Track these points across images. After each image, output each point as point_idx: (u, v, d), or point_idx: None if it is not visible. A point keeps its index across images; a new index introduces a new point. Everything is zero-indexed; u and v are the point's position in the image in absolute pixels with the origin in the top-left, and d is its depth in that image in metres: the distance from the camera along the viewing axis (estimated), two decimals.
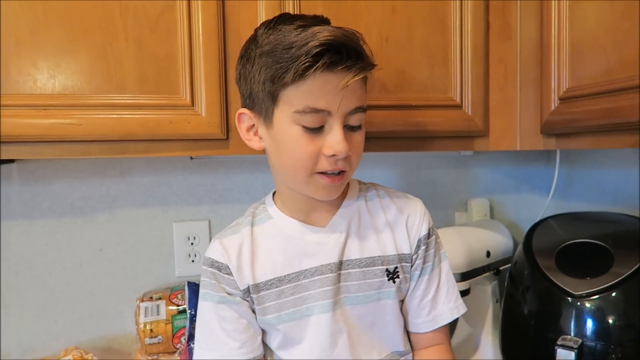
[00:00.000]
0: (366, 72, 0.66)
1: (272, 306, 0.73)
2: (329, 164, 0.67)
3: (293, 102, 0.65)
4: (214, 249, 0.75)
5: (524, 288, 0.93)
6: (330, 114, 0.65)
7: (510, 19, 0.93)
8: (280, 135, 0.68)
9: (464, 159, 1.28)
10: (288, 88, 0.64)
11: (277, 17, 0.70)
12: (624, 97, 0.68)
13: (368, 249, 0.75)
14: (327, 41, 0.61)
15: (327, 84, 0.64)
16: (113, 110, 0.78)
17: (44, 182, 1.06)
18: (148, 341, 0.97)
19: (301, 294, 0.73)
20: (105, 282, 1.09)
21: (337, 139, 0.65)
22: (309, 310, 0.73)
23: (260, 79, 0.67)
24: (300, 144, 0.66)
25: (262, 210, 0.79)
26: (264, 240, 0.75)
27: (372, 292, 0.74)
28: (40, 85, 0.76)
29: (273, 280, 0.73)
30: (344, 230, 0.75)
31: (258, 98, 0.68)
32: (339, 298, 0.73)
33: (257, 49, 0.68)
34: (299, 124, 0.66)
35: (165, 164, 1.11)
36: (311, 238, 0.74)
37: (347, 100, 0.65)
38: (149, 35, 0.79)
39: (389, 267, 0.75)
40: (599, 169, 1.13)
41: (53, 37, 0.76)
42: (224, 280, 0.73)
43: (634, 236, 0.89)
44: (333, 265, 0.73)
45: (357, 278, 0.74)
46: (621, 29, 0.68)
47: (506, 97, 0.94)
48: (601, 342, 0.81)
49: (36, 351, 1.05)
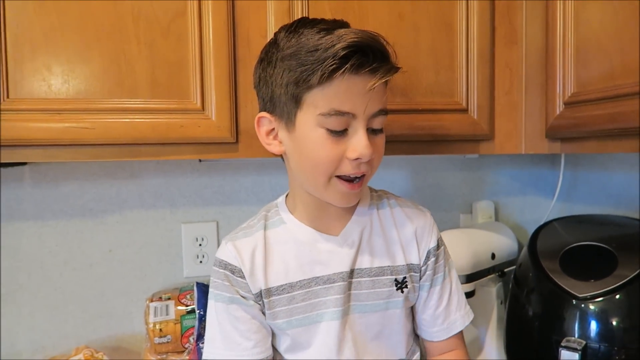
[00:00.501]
0: (391, 75, 0.66)
1: (282, 311, 0.73)
2: (352, 167, 0.67)
3: (318, 104, 0.65)
4: (227, 251, 0.75)
5: (529, 290, 0.94)
6: (354, 117, 0.65)
7: (515, 24, 0.94)
8: (302, 139, 0.67)
9: (470, 162, 1.29)
10: (313, 90, 0.64)
11: (298, 21, 0.70)
12: (628, 102, 0.69)
13: (378, 259, 0.76)
14: (354, 43, 0.61)
15: (353, 87, 0.64)
16: (125, 115, 0.80)
17: (55, 184, 1.07)
18: (157, 340, 0.99)
19: (312, 301, 0.74)
20: (115, 283, 1.11)
21: (362, 142, 0.65)
22: (319, 317, 0.74)
23: (282, 82, 0.66)
24: (324, 147, 0.66)
25: (275, 214, 0.79)
26: (276, 245, 0.75)
27: (380, 302, 0.75)
28: (54, 90, 0.78)
29: (285, 285, 0.74)
30: (356, 239, 0.76)
31: (280, 101, 0.68)
32: (348, 306, 0.74)
33: (278, 52, 0.67)
34: (323, 127, 0.65)
35: (174, 167, 1.13)
36: (324, 246, 0.75)
37: (372, 103, 0.66)
38: (160, 40, 0.80)
39: (397, 277, 0.76)
40: (604, 172, 1.14)
41: (67, 43, 0.78)
42: (236, 283, 0.74)
43: (637, 239, 0.90)
44: (345, 274, 0.74)
45: (367, 287, 0.75)
46: (625, 35, 0.70)
47: (512, 101, 0.95)
48: (605, 343, 0.82)
49: (47, 350, 1.07)
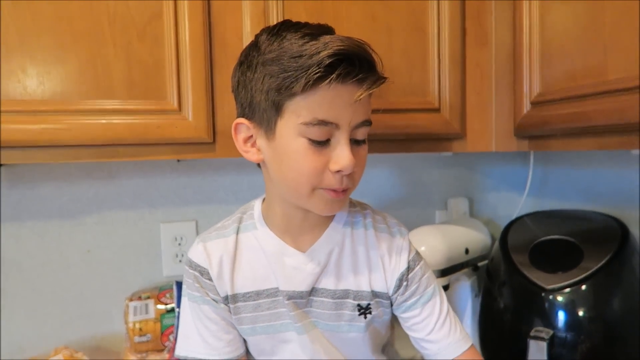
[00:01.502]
0: (378, 86, 0.63)
1: (248, 317, 0.74)
2: (335, 181, 0.65)
3: (300, 113, 0.62)
4: (197, 251, 0.74)
5: (500, 283, 0.98)
6: (338, 127, 0.63)
7: (485, 26, 0.97)
8: (283, 148, 0.65)
9: (445, 160, 1.32)
10: (295, 98, 0.62)
11: (281, 23, 0.67)
12: (589, 102, 0.72)
13: (343, 282, 0.74)
14: (341, 51, 0.59)
15: (338, 96, 0.61)
16: (102, 116, 0.80)
17: (32, 185, 1.07)
18: (137, 339, 1.00)
19: (277, 310, 0.74)
20: (94, 283, 1.11)
21: (344, 154, 0.63)
22: (283, 327, 0.74)
23: (263, 87, 0.63)
24: (305, 158, 0.63)
25: (249, 217, 0.77)
26: (246, 251, 0.74)
27: (342, 323, 0.74)
28: (30, 92, 0.78)
29: (251, 293, 0.74)
30: (322, 259, 0.73)
31: (259, 108, 0.65)
32: (309, 322, 0.74)
33: (259, 56, 0.64)
34: (305, 137, 0.63)
35: (153, 167, 1.13)
36: (289, 261, 0.73)
37: (356, 114, 0.63)
38: (136, 43, 0.81)
39: (361, 303, 0.74)
40: (573, 169, 1.18)
41: (42, 44, 0.78)
42: (205, 285, 0.74)
43: (602, 232, 0.94)
44: (304, 292, 0.73)
45: (329, 307, 0.74)
46: (586, 38, 0.73)
47: (482, 101, 0.98)
48: (571, 333, 0.85)
49: (25, 351, 1.07)
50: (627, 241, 0.89)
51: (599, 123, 0.70)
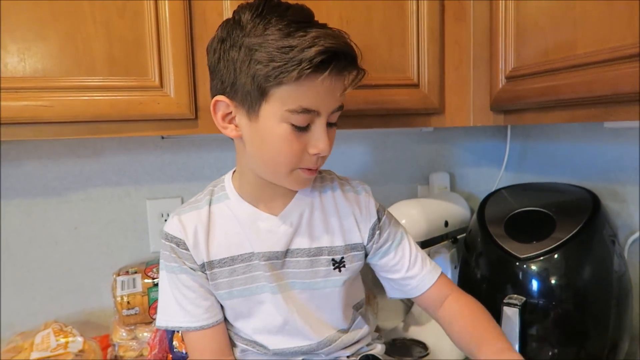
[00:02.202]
0: (360, 79, 0.69)
1: (224, 282, 0.77)
2: (312, 161, 0.71)
3: (286, 101, 0.65)
4: (173, 224, 0.77)
5: (477, 254, 1.01)
6: (319, 115, 0.68)
7: (464, 2, 0.98)
8: (265, 130, 0.68)
9: (426, 135, 1.35)
10: (282, 87, 0.65)
11: (264, 3, 0.67)
12: (560, 76, 0.74)
13: (316, 239, 0.79)
14: (331, 49, 0.63)
15: (323, 88, 0.66)
16: (84, 92, 0.81)
17: (17, 163, 1.08)
18: (125, 313, 1.02)
19: (252, 274, 0.77)
20: (82, 259, 1.13)
21: (323, 139, 0.69)
22: (258, 289, 0.78)
23: (249, 71, 0.65)
24: (287, 142, 0.68)
25: (221, 189, 0.81)
26: (220, 219, 0.78)
27: (318, 280, 0.79)
28: (10, 69, 0.78)
29: (226, 259, 0.77)
30: (294, 221, 0.78)
31: (244, 89, 0.67)
32: (285, 282, 0.78)
33: (244, 37, 0.66)
34: (288, 122, 0.67)
35: (137, 144, 1.14)
36: (263, 225, 0.77)
37: (336, 102, 0.69)
38: (117, 19, 0.81)
39: (335, 257, 0.79)
40: (551, 143, 1.21)
41: (22, 21, 0.78)
42: (182, 254, 0.77)
43: (575, 204, 0.97)
44: (279, 253, 0.77)
45: (305, 266, 0.78)
46: (558, 13, 0.75)
47: (461, 76, 1.00)
48: (544, 299, 0.89)
49: (15, 326, 1.08)
50: (598, 212, 0.92)
51: (569, 96, 0.73)
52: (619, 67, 0.63)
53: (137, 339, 1.03)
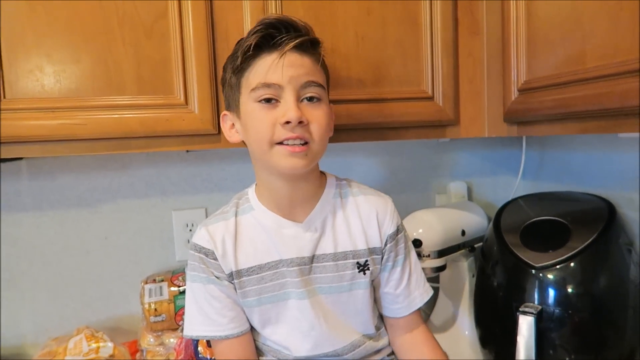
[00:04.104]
0: (301, 41, 0.73)
1: (253, 290, 0.80)
2: (286, 131, 0.73)
3: (250, 83, 0.74)
4: (201, 235, 0.81)
5: (493, 263, 1.02)
6: (282, 88, 0.73)
7: (477, 16, 1.01)
8: (244, 117, 0.77)
9: (444, 145, 1.37)
10: (244, 74, 0.75)
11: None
12: (570, 89, 0.76)
13: (341, 244, 0.82)
14: (263, 23, 0.72)
15: (272, 61, 0.73)
16: (114, 111, 0.86)
17: (51, 176, 1.14)
18: (153, 319, 1.07)
19: (279, 281, 0.80)
20: (111, 267, 1.18)
21: (290, 107, 0.72)
22: (286, 295, 0.81)
23: (228, 77, 0.78)
24: (259, 117, 0.74)
25: (245, 201, 0.85)
26: (246, 229, 0.82)
27: (344, 284, 0.82)
28: (47, 89, 0.84)
29: (254, 267, 0.80)
30: (319, 227, 0.82)
31: (230, 96, 0.79)
32: (312, 288, 0.81)
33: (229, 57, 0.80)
34: (256, 101, 0.74)
35: (164, 157, 1.19)
36: (288, 232, 0.81)
37: (294, 72, 0.73)
38: (144, 41, 0.86)
39: (359, 261, 0.82)
40: (566, 152, 1.22)
41: (57, 44, 0.84)
42: (211, 264, 0.80)
43: (590, 213, 0.98)
44: (306, 259, 0.80)
45: (331, 270, 0.81)
46: (567, 28, 0.76)
47: (475, 88, 1.02)
48: (559, 307, 0.90)
49: (50, 332, 1.14)
50: (614, 220, 0.93)
51: (579, 109, 0.74)
52: (626, 80, 0.65)
53: (164, 345, 1.08)
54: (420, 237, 1.07)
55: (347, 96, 0.95)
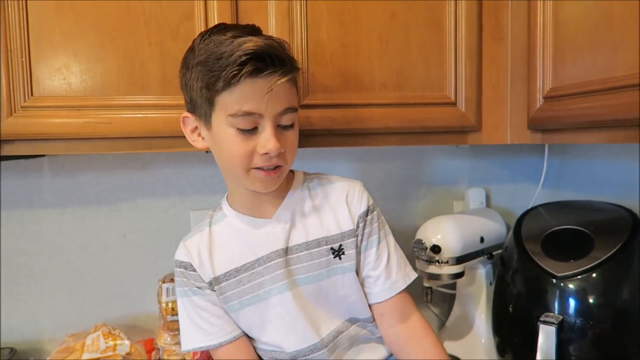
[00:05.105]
0: (288, 77, 0.72)
1: (233, 294, 0.82)
2: (263, 161, 0.74)
3: (227, 106, 0.71)
4: (179, 251, 0.85)
5: (513, 271, 1.01)
6: (261, 116, 0.72)
7: (502, 21, 1.00)
8: (218, 137, 0.75)
9: (462, 151, 1.36)
10: (222, 94, 0.71)
11: (213, 27, 0.75)
12: (599, 98, 0.75)
13: (313, 232, 0.83)
14: (251, 51, 0.68)
15: (254, 89, 0.70)
16: (139, 110, 0.87)
17: (72, 174, 1.15)
18: (170, 318, 1.07)
19: (257, 280, 0.82)
20: (129, 266, 1.19)
21: (269, 139, 0.72)
22: (266, 294, 0.82)
23: (197, 86, 0.73)
24: (235, 145, 0.73)
25: (218, 211, 0.87)
26: (220, 237, 0.84)
27: (322, 271, 0.82)
28: (74, 88, 0.85)
29: (231, 271, 0.82)
30: (288, 219, 0.83)
31: (197, 103, 0.75)
32: (292, 280, 0.82)
33: (193, 59, 0.74)
34: (234, 126, 0.72)
35: (183, 157, 1.20)
36: (260, 230, 0.83)
37: (275, 103, 0.72)
38: (170, 41, 0.87)
39: (333, 246, 0.83)
40: (589, 160, 1.20)
41: (84, 44, 0.85)
42: (191, 276, 0.83)
43: (613, 222, 0.96)
44: (280, 251, 0.81)
45: (305, 260, 0.82)
46: (597, 36, 0.76)
47: (498, 95, 1.01)
48: (580, 318, 0.89)
49: (67, 328, 1.15)
50: (638, 231, 0.92)
51: (607, 118, 0.73)
52: None
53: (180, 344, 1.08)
54: (438, 242, 1.06)
55: (370, 100, 0.95)
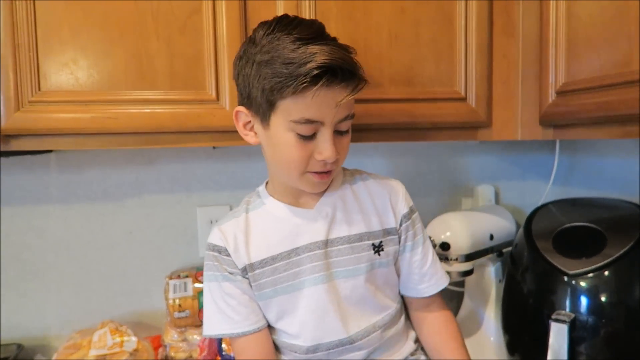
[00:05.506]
0: (358, 91, 0.72)
1: (268, 282, 0.81)
2: (319, 166, 0.75)
3: (290, 112, 0.71)
4: (214, 235, 0.83)
5: (524, 268, 1.00)
6: (323, 124, 0.73)
7: (513, 17, 0.99)
8: (275, 138, 0.75)
9: (471, 148, 1.35)
10: (286, 100, 0.71)
11: (276, 21, 0.74)
12: (613, 92, 0.74)
13: (355, 226, 0.83)
14: (325, 64, 0.67)
15: (323, 100, 0.70)
16: (146, 105, 0.86)
17: (79, 170, 1.15)
18: (177, 315, 1.07)
19: (294, 270, 0.81)
20: (135, 262, 1.19)
21: (328, 147, 0.73)
22: (301, 284, 0.81)
23: (259, 85, 0.72)
24: (294, 149, 0.74)
25: (256, 198, 0.87)
26: (257, 224, 0.83)
27: (361, 265, 0.82)
28: (81, 83, 0.84)
29: (267, 259, 0.81)
30: (330, 211, 0.83)
31: (256, 101, 0.74)
32: (330, 272, 0.81)
33: (256, 54, 0.72)
34: (294, 131, 0.72)
35: (190, 153, 1.19)
36: (300, 220, 0.82)
37: (339, 112, 0.73)
38: (178, 36, 0.86)
39: (374, 242, 0.83)
40: (599, 157, 1.19)
41: (92, 38, 0.84)
42: (224, 261, 0.82)
43: (626, 220, 0.95)
44: (320, 243, 0.81)
45: (346, 253, 0.82)
46: (612, 29, 0.74)
47: (508, 90, 1.00)
48: (593, 316, 0.87)
49: (74, 324, 1.15)
50: None
51: (623, 112, 0.72)
52: None
53: (187, 341, 1.08)
54: (448, 240, 1.05)
55: (379, 95, 0.93)
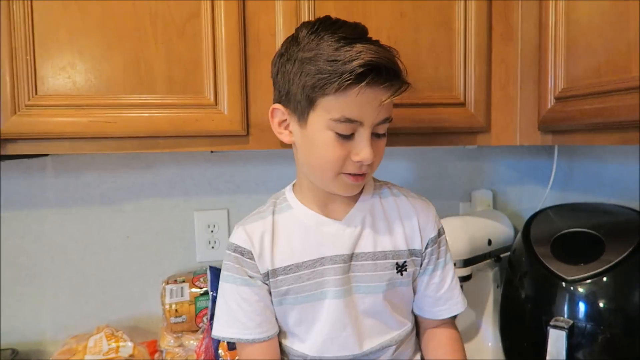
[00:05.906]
0: (402, 92, 0.71)
1: (291, 289, 0.79)
2: (355, 167, 0.74)
3: (331, 110, 0.70)
4: (238, 235, 0.80)
5: (522, 274, 1.00)
6: (362, 125, 0.71)
7: (512, 22, 0.99)
8: (312, 137, 0.73)
9: (469, 152, 1.34)
10: (327, 97, 0.70)
11: (320, 21, 0.74)
12: (613, 98, 0.74)
13: (381, 243, 0.81)
14: (371, 62, 0.67)
15: (365, 99, 0.69)
16: (144, 110, 0.86)
17: (75, 173, 1.14)
18: (173, 320, 1.06)
19: (317, 280, 0.79)
20: (132, 267, 1.18)
21: (365, 148, 0.72)
22: (323, 295, 0.79)
23: (300, 82, 0.71)
24: (331, 148, 0.72)
25: (283, 200, 0.84)
26: (284, 228, 0.81)
27: (382, 283, 0.80)
28: (78, 87, 0.84)
29: (291, 266, 0.79)
30: (358, 224, 0.81)
31: (295, 98, 0.73)
32: (350, 287, 0.80)
33: (298, 52, 0.72)
34: (333, 130, 0.71)
35: (188, 157, 1.19)
36: (328, 229, 0.80)
37: (379, 113, 0.72)
38: (176, 40, 0.86)
39: (398, 261, 0.81)
40: (598, 162, 1.19)
41: (90, 42, 0.84)
42: (246, 264, 0.79)
43: (625, 225, 0.95)
44: (346, 256, 0.79)
45: (369, 269, 0.80)
46: (611, 35, 0.74)
47: (507, 95, 1.00)
48: (591, 323, 0.88)
49: (69, 329, 1.13)
50: None
51: (623, 119, 0.72)
52: None
53: (184, 347, 1.07)
54: None
55: None
